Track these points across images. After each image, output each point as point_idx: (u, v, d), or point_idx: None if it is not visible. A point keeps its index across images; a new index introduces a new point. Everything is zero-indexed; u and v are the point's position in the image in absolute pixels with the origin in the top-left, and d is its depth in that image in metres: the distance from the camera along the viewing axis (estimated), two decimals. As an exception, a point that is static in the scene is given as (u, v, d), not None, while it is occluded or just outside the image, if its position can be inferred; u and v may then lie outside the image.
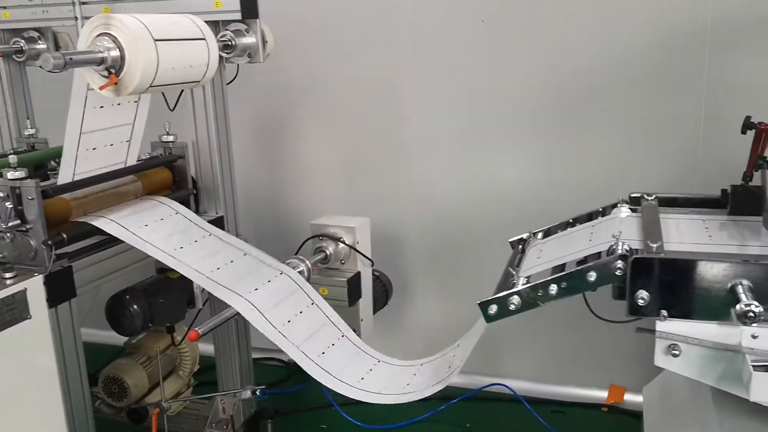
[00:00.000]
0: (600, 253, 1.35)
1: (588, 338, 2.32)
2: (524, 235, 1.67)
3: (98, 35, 1.36)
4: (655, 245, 1.26)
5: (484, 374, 2.47)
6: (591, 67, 2.09)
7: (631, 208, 1.61)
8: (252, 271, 1.63)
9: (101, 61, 1.34)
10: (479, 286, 1.55)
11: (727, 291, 1.20)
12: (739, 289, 1.17)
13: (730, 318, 1.20)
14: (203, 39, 1.49)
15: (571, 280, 1.29)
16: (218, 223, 1.90)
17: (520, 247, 1.64)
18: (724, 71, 1.97)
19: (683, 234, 1.41)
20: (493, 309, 1.33)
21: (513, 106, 2.20)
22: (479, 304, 1.35)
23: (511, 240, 1.68)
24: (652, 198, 1.61)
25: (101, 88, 1.36)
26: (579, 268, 1.29)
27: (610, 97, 2.09)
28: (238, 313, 1.49)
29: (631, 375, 2.29)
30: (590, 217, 1.66)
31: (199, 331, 1.37)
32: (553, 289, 1.30)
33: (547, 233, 1.67)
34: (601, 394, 2.40)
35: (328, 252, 1.90)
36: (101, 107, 1.54)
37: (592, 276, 1.27)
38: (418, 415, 2.23)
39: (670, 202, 1.62)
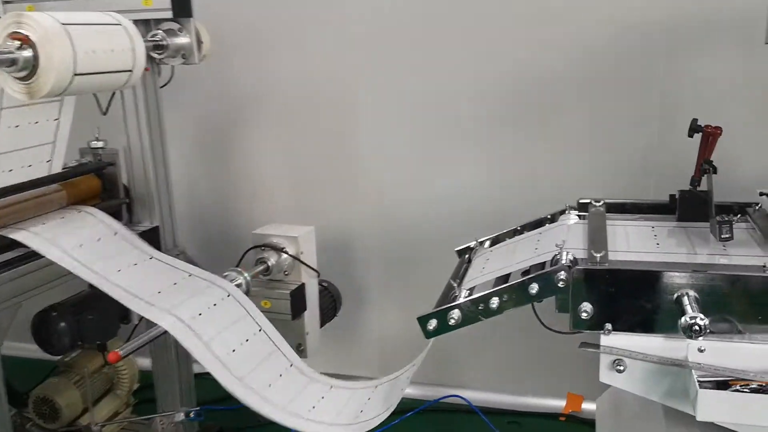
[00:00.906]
0: (544, 263, 1.29)
1: (544, 346, 2.26)
2: (471, 244, 1.61)
3: (9, 34, 1.26)
4: (599, 255, 1.21)
5: (440, 385, 2.42)
6: (542, 70, 2.04)
7: (579, 215, 1.55)
8: (196, 293, 1.51)
9: (12, 62, 1.24)
10: (436, 293, 1.48)
11: (673, 302, 1.15)
12: (685, 300, 1.12)
13: (676, 331, 1.14)
14: (119, 24, 1.39)
15: (513, 292, 1.23)
16: (153, 234, 1.81)
17: (466, 257, 1.58)
18: (676, 74, 1.94)
19: (630, 242, 1.36)
20: (433, 324, 1.26)
21: (465, 110, 2.15)
22: (418, 319, 1.28)
23: (457, 249, 1.62)
24: (600, 204, 1.55)
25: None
26: (520, 280, 1.23)
27: (561, 100, 2.04)
28: (166, 331, 1.39)
29: (589, 383, 2.23)
30: (538, 224, 1.60)
31: (120, 352, 1.27)
32: (494, 302, 1.23)
33: (495, 241, 1.61)
34: (558, 403, 2.35)
35: (270, 263, 1.82)
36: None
37: (534, 288, 1.21)
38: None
39: (619, 208, 1.57)
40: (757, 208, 1.45)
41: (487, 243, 1.61)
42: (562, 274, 1.19)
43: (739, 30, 1.80)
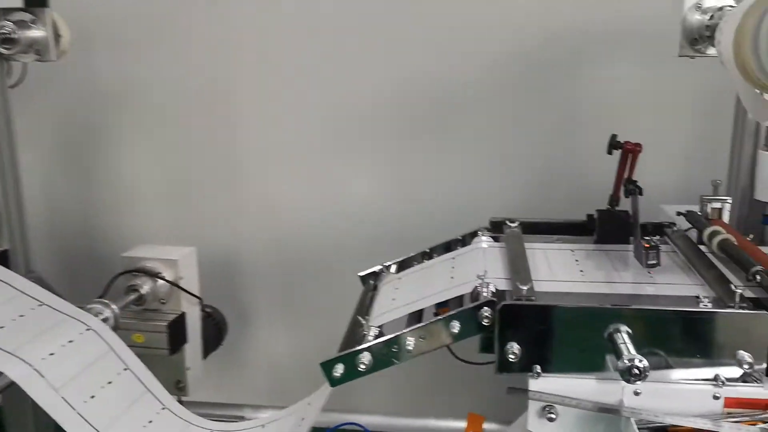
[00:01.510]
0: (463, 296, 1.15)
1: (444, 366, 2.15)
2: (376, 269, 1.45)
3: None
4: (525, 287, 1.08)
5: (337, 410, 2.25)
6: (449, 79, 1.91)
7: (492, 236, 1.43)
8: (47, 328, 1.27)
9: None
10: (332, 314, 1.36)
11: (606, 340, 1.04)
12: (619, 338, 1.01)
13: (609, 371, 1.04)
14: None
15: (431, 332, 1.08)
16: (1, 258, 1.52)
17: (371, 283, 1.42)
18: (589, 86, 1.88)
19: (553, 269, 1.25)
20: (339, 370, 1.09)
21: (364, 121, 1.99)
22: (321, 365, 1.10)
23: (361, 274, 1.45)
24: (516, 224, 1.44)
25: None
26: (440, 318, 1.08)
27: (468, 111, 1.93)
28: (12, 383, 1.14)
29: (491, 402, 2.15)
30: (449, 246, 1.47)
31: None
32: (410, 343, 1.08)
33: (402, 265, 1.46)
34: (459, 425, 2.25)
35: (143, 291, 1.58)
36: None
37: (456, 327, 1.07)
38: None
39: (533, 228, 1.46)
40: (675, 229, 1.38)
41: (394, 267, 1.45)
42: (487, 311, 1.06)
43: (650, 41, 1.75)
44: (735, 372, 1.02)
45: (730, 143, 1.49)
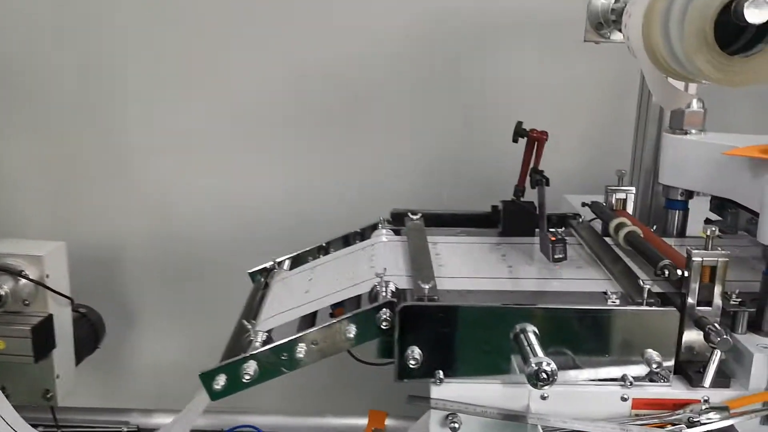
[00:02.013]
0: (361, 296, 1.06)
1: (343, 362, 2.06)
2: (267, 264, 1.33)
3: None
4: (427, 286, 0.99)
5: (230, 412, 2.11)
6: (349, 71, 1.81)
7: (394, 229, 1.34)
8: None
9: None
10: (226, 314, 1.21)
11: (512, 341, 0.97)
12: (525, 339, 0.94)
13: (515, 373, 0.97)
14: None
15: (325, 337, 0.98)
16: None
17: (262, 281, 1.30)
18: (493, 74, 1.81)
19: (456, 264, 1.17)
20: (221, 382, 0.97)
21: (262, 111, 1.85)
22: (201, 376, 0.98)
23: (250, 271, 1.33)
24: (418, 217, 1.35)
25: None
26: (333, 321, 0.98)
27: (370, 102, 1.84)
28: None
29: (393, 398, 2.08)
30: (347, 240, 1.37)
31: None
32: (302, 350, 0.97)
33: (296, 261, 1.35)
34: (360, 422, 2.16)
35: (3, 291, 1.40)
36: None
37: (352, 331, 0.97)
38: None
39: (436, 220, 1.38)
40: (580, 220, 1.34)
41: (287, 263, 1.34)
42: (386, 313, 0.96)
43: (554, 27, 1.71)
44: (644, 371, 0.97)
45: (634, 129, 1.46)
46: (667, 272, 1.01)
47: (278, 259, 1.34)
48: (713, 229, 0.97)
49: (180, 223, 1.95)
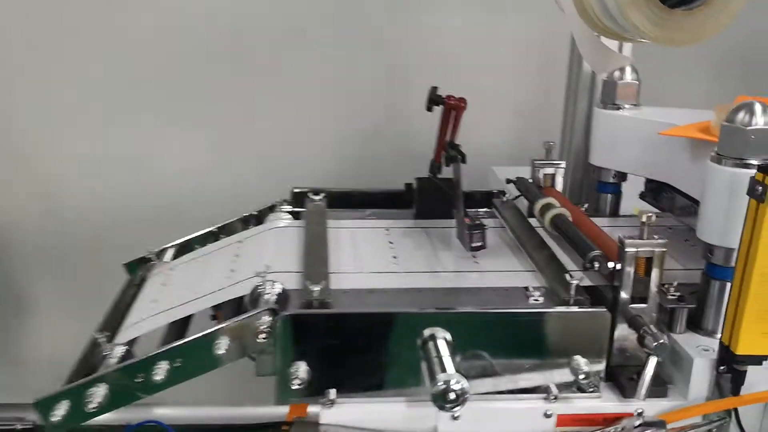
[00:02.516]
0: (242, 298, 0.89)
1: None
2: (147, 254, 1.14)
3: None
4: (317, 288, 0.83)
5: (135, 404, 1.93)
6: (250, 22, 1.61)
7: (293, 211, 1.17)
8: None
9: None
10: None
11: (419, 349, 0.82)
12: (433, 351, 0.79)
13: (423, 386, 0.82)
14: None
15: (189, 356, 0.80)
16: None
17: (139, 275, 1.11)
18: (412, 38, 1.64)
19: (360, 254, 1.01)
20: (61, 410, 0.79)
21: (158, 73, 1.64)
22: (35, 405, 0.80)
23: (125, 263, 1.14)
24: (320, 197, 1.18)
25: None
26: (198, 335, 0.81)
27: (281, 67, 1.65)
28: None
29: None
30: (246, 223, 1.19)
31: None
32: (161, 371, 0.80)
33: (182, 250, 1.16)
34: (281, 411, 2.01)
35: None
36: None
37: (221, 347, 0.80)
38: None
39: (344, 200, 1.22)
40: (504, 199, 1.19)
41: (170, 253, 1.15)
42: (265, 321, 0.80)
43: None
44: (571, 378, 0.84)
45: (564, 99, 1.32)
46: (597, 265, 0.87)
47: (159, 248, 1.15)
48: (650, 215, 0.83)
49: (75, 202, 1.74)
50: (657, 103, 1.17)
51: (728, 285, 0.85)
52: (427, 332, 0.82)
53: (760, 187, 0.74)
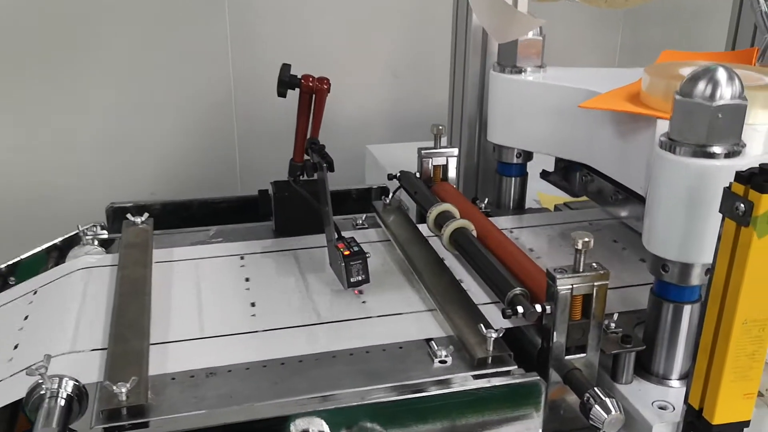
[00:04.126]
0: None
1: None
2: None
3: None
4: (123, 390, 0.55)
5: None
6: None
7: (109, 238, 0.87)
8: None
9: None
10: None
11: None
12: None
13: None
14: None
15: None
16: None
17: None
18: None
19: (203, 303, 0.73)
20: None
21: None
22: None
23: None
24: (144, 218, 0.88)
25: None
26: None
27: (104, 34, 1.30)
28: None
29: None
30: (44, 262, 0.87)
31: None
32: None
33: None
34: None
35: None
36: None
37: None
38: None
39: (178, 214, 0.93)
40: (387, 201, 0.93)
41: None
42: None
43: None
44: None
45: (450, 64, 1.08)
46: (521, 310, 0.64)
47: None
48: (586, 239, 0.61)
49: None
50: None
51: (686, 309, 0.66)
52: (299, 426, 0.57)
53: (743, 205, 0.53)
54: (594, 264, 0.63)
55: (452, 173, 0.97)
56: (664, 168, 0.63)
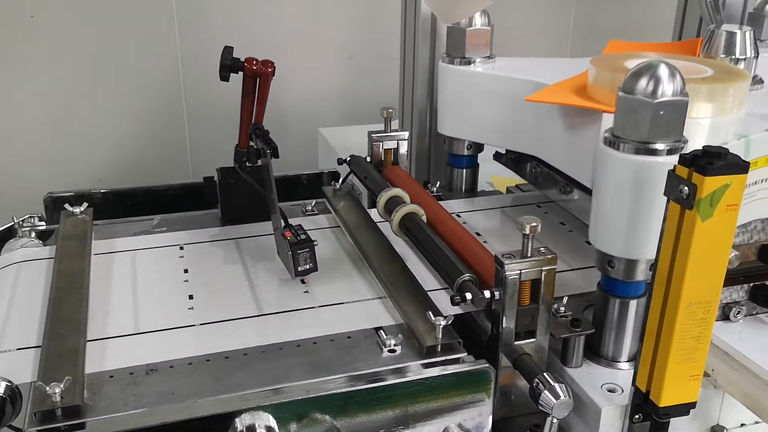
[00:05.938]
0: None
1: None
2: None
3: None
4: (57, 390, 0.53)
5: None
6: None
7: (47, 230, 0.83)
8: None
9: None
10: None
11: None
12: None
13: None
14: None
15: None
16: None
17: None
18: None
19: (140, 298, 0.71)
20: None
21: None
22: None
23: None
24: (83, 208, 0.84)
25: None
26: None
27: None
28: None
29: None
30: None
31: None
32: None
33: None
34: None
35: None
36: None
37: None
38: None
39: (121, 203, 0.90)
40: (338, 186, 0.92)
41: None
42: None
43: None
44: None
45: (400, 48, 1.06)
46: (469, 296, 0.64)
47: None
48: (533, 224, 0.60)
49: None
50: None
51: (632, 303, 0.66)
52: (244, 421, 0.55)
53: (686, 187, 0.52)
54: (542, 248, 0.63)
55: (403, 159, 0.96)
56: (608, 164, 0.62)
